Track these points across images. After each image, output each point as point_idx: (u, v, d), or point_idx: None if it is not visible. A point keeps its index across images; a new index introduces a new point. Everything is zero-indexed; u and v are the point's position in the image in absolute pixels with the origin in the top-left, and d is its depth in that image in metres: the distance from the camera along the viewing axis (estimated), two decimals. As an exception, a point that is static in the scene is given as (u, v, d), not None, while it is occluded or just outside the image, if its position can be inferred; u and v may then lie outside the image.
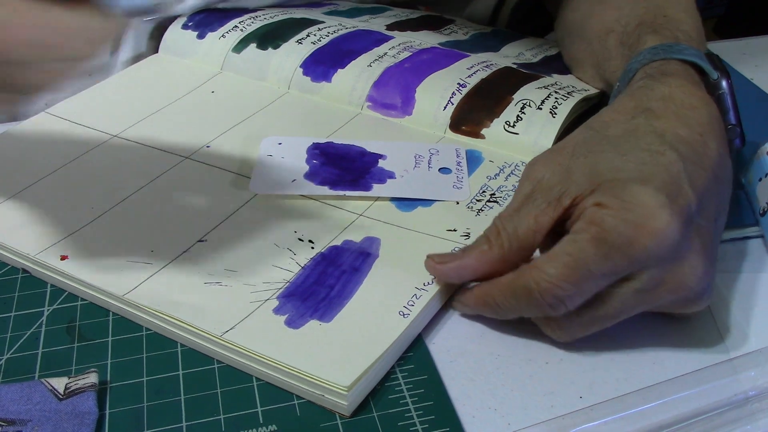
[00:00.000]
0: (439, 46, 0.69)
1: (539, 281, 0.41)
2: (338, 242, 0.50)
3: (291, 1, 0.75)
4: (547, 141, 0.58)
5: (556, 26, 0.70)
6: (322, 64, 0.65)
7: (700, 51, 0.52)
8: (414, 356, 0.45)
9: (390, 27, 0.73)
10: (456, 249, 0.49)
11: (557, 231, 0.43)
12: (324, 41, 0.67)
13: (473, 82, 0.63)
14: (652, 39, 0.54)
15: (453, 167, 0.57)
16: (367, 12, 0.77)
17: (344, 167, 0.56)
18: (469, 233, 0.50)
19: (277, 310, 0.45)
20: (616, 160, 0.43)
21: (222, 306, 0.45)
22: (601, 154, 0.44)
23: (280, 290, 0.46)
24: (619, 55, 0.58)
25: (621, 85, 0.53)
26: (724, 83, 0.52)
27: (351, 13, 0.76)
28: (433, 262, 0.46)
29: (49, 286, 0.49)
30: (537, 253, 0.44)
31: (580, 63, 0.66)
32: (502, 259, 0.44)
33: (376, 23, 0.73)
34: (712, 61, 0.52)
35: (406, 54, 0.66)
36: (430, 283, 0.47)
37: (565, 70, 0.68)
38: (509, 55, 0.70)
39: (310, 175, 0.56)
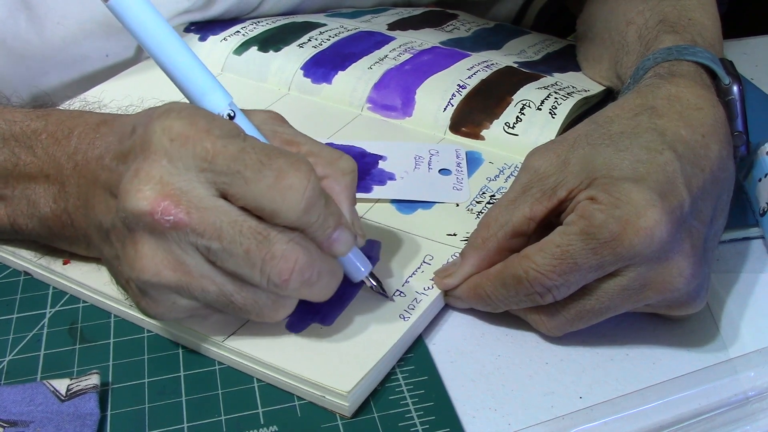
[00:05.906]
0: (440, 45, 0.69)
1: (527, 270, 0.42)
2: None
3: (302, 10, 0.75)
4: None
5: (578, 22, 0.70)
6: (323, 66, 0.65)
7: (715, 55, 0.52)
8: (414, 357, 0.45)
9: (392, 26, 0.73)
10: (455, 255, 0.49)
11: (553, 222, 0.44)
12: (325, 45, 0.68)
13: (473, 83, 0.63)
14: (669, 39, 0.54)
15: (453, 168, 0.57)
16: (370, 12, 0.77)
17: (345, 169, 0.56)
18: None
19: (278, 312, 0.45)
20: (613, 156, 0.43)
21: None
22: (599, 149, 0.44)
23: (281, 292, 0.47)
24: (634, 51, 0.58)
25: (631, 83, 0.53)
26: (735, 89, 0.51)
27: (353, 14, 0.76)
28: (440, 279, 0.47)
29: (51, 288, 0.49)
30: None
31: (598, 58, 0.65)
32: (497, 249, 0.45)
33: (378, 23, 0.73)
34: (725, 66, 0.52)
35: (406, 56, 0.66)
36: (431, 287, 0.47)
37: (566, 68, 0.68)
38: (511, 53, 0.70)
39: (311, 177, 0.56)
